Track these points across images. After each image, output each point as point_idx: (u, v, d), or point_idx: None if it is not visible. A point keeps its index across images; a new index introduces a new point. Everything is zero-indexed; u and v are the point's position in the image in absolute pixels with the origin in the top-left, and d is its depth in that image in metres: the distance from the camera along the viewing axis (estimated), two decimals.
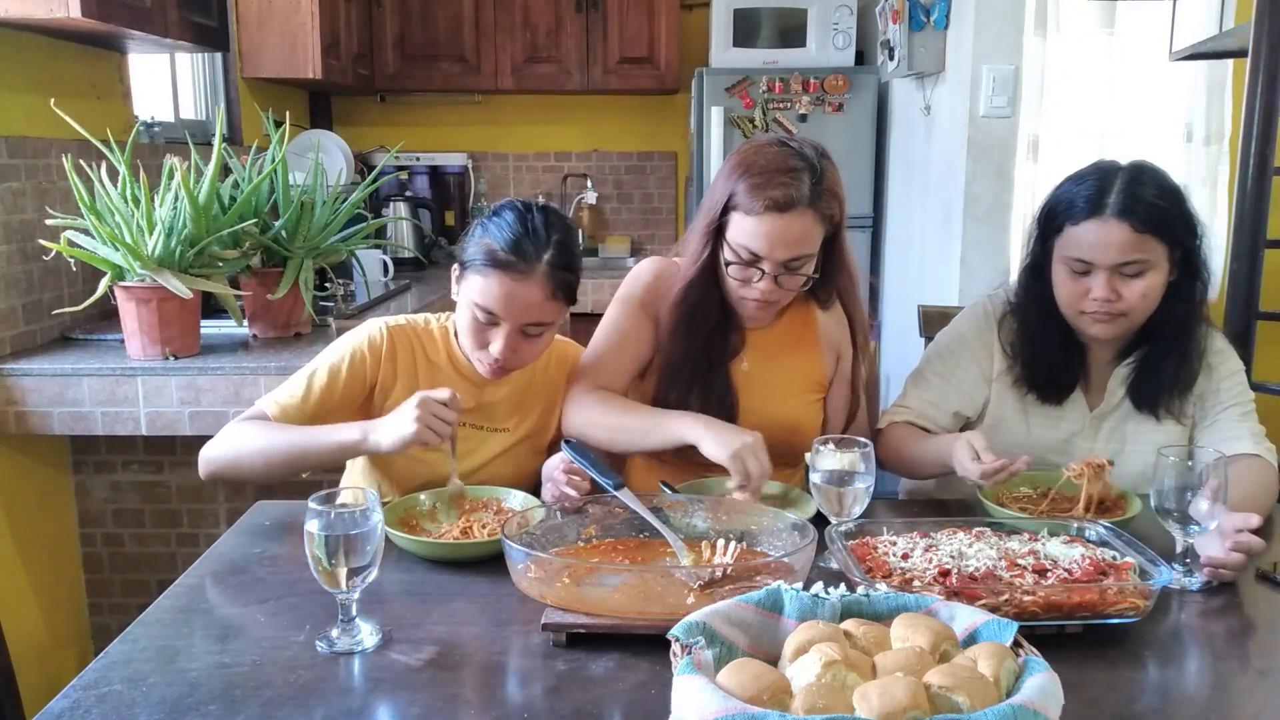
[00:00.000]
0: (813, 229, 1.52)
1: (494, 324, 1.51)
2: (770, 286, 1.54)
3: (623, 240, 4.49)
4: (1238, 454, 1.54)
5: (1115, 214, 1.49)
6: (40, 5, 2.00)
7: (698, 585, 1.16)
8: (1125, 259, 1.50)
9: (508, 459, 1.65)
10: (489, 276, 1.48)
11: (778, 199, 1.48)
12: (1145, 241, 1.49)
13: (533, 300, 1.49)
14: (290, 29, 3.37)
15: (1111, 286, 1.51)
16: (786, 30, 3.95)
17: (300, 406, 1.53)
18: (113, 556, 2.53)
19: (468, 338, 1.55)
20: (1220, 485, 1.24)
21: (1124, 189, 1.51)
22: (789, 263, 1.53)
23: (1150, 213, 1.49)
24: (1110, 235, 1.49)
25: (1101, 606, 1.12)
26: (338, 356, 1.57)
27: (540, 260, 1.49)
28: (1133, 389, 1.62)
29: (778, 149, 1.54)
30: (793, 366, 1.69)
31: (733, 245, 1.54)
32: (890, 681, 0.83)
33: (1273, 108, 2.32)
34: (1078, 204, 1.53)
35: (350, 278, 2.98)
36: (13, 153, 2.20)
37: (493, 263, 1.48)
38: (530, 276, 1.48)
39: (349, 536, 1.08)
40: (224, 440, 1.51)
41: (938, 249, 3.33)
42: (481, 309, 1.50)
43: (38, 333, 2.30)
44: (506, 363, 1.53)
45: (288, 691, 1.03)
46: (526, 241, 1.49)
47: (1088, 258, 1.52)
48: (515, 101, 4.43)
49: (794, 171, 1.50)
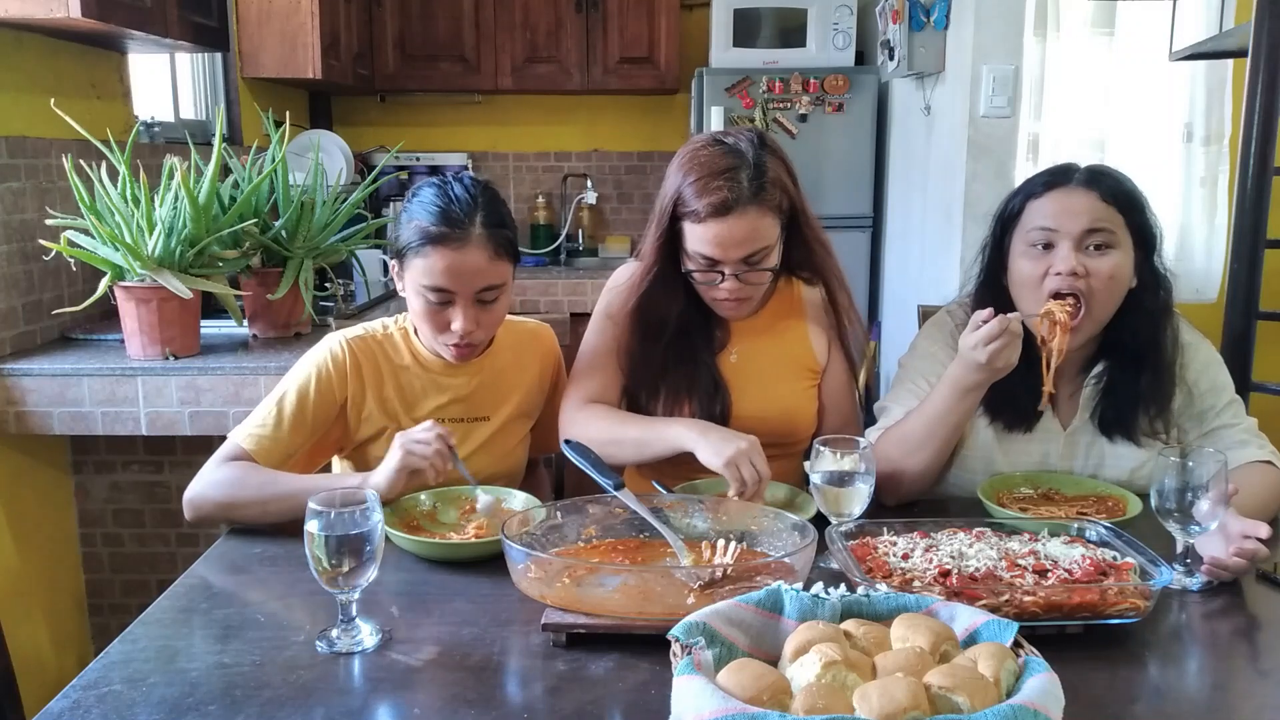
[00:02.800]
0: (761, 223, 1.52)
1: (447, 302, 1.49)
2: (735, 285, 1.55)
3: (623, 240, 4.49)
4: (1245, 462, 1.50)
5: (1081, 183, 1.48)
6: (40, 5, 2.00)
7: (698, 585, 1.16)
8: (1092, 226, 1.45)
9: (493, 446, 1.64)
10: (429, 255, 1.47)
11: (716, 204, 1.48)
12: (1111, 214, 1.46)
13: (478, 264, 1.48)
14: (290, 29, 3.37)
15: (1078, 259, 1.44)
16: (786, 30, 3.95)
17: (275, 436, 1.50)
18: (113, 556, 2.53)
19: (426, 326, 1.53)
20: (1223, 490, 1.23)
21: (1088, 169, 1.51)
22: (748, 259, 1.53)
23: (1117, 186, 1.48)
24: (1076, 201, 1.46)
25: (1102, 607, 1.12)
26: (304, 378, 1.54)
27: (473, 223, 1.48)
28: (1100, 416, 1.57)
29: (712, 149, 1.54)
30: (782, 351, 1.69)
31: (689, 253, 1.55)
32: (890, 682, 0.83)
33: (1273, 108, 2.33)
34: (1040, 178, 1.51)
35: (350, 277, 2.99)
36: (13, 152, 2.20)
37: (428, 240, 1.47)
38: (468, 242, 1.47)
39: (349, 536, 1.08)
40: (212, 488, 1.45)
41: (938, 249, 3.33)
42: (431, 289, 1.48)
43: (38, 333, 2.30)
44: (471, 337, 1.52)
45: (288, 691, 1.03)
46: (454, 209, 1.48)
47: (1052, 225, 1.46)
48: (515, 101, 4.44)
49: (730, 172, 1.50)
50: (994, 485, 1.54)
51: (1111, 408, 1.56)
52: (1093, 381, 1.58)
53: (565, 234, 4.35)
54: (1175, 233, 3.37)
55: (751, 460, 1.40)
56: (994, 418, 1.58)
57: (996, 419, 1.58)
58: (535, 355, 1.71)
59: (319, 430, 1.55)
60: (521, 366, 1.69)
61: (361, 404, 1.57)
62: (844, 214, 3.93)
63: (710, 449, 1.43)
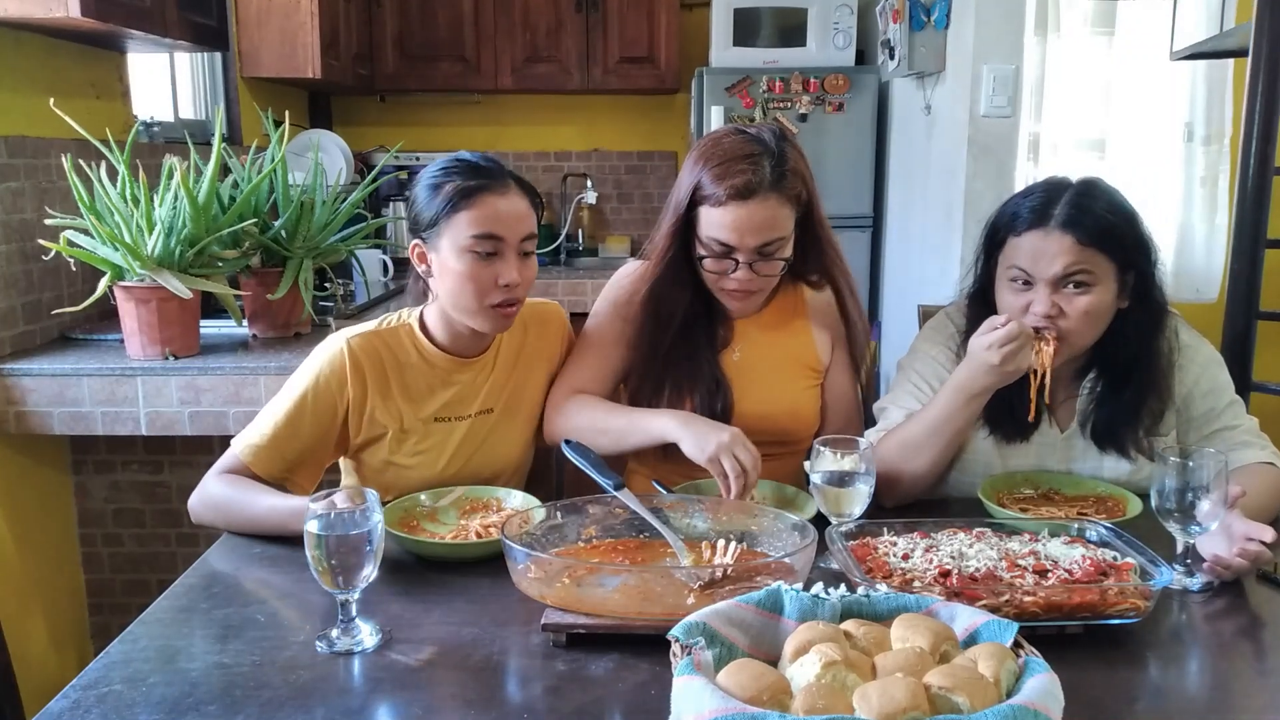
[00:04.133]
0: (780, 212, 1.52)
1: (494, 253, 1.48)
2: (747, 275, 1.54)
3: (623, 240, 4.49)
4: (1247, 463, 1.50)
5: (1059, 225, 1.44)
6: (40, 5, 2.00)
7: (698, 586, 1.16)
8: (1066, 271, 1.43)
9: (499, 441, 1.62)
10: (472, 206, 1.46)
11: (739, 186, 1.49)
12: (1090, 255, 1.43)
13: (520, 210, 1.50)
14: (290, 28, 3.37)
15: (1052, 301, 1.44)
16: (787, 30, 3.95)
17: (272, 447, 1.49)
18: (113, 556, 2.53)
19: (470, 289, 1.48)
20: (1224, 491, 1.23)
21: (1071, 201, 1.45)
22: (762, 249, 1.53)
23: (1097, 225, 1.43)
24: (1052, 246, 1.43)
25: (1102, 607, 1.12)
26: (302, 387, 1.52)
27: (504, 172, 1.51)
28: (1092, 427, 1.56)
29: (735, 137, 1.55)
30: (785, 351, 1.69)
31: (703, 239, 1.54)
32: (890, 682, 0.83)
33: (1273, 107, 2.32)
34: (1022, 215, 1.47)
35: (350, 277, 2.98)
36: (12, 152, 2.20)
37: (467, 194, 1.47)
38: (509, 187, 1.50)
39: (349, 536, 1.08)
40: (204, 505, 1.47)
41: (938, 249, 3.33)
42: (481, 238, 1.46)
43: (37, 333, 2.30)
44: (518, 292, 1.50)
45: (287, 691, 1.02)
46: (481, 163, 1.51)
47: (1028, 268, 1.46)
48: (515, 101, 4.44)
49: (753, 157, 1.51)
50: (994, 485, 1.54)
51: (1103, 420, 1.56)
52: (1086, 389, 1.58)
53: (565, 234, 4.35)
54: (1175, 232, 3.37)
55: (734, 452, 1.39)
56: (993, 429, 1.58)
57: (995, 430, 1.58)
58: (548, 333, 1.69)
59: (318, 437, 1.53)
60: (530, 357, 1.66)
61: (363, 407, 1.55)
62: (844, 214, 3.93)
63: (693, 441, 1.42)
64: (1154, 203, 3.29)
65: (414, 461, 1.57)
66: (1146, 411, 1.54)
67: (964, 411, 1.45)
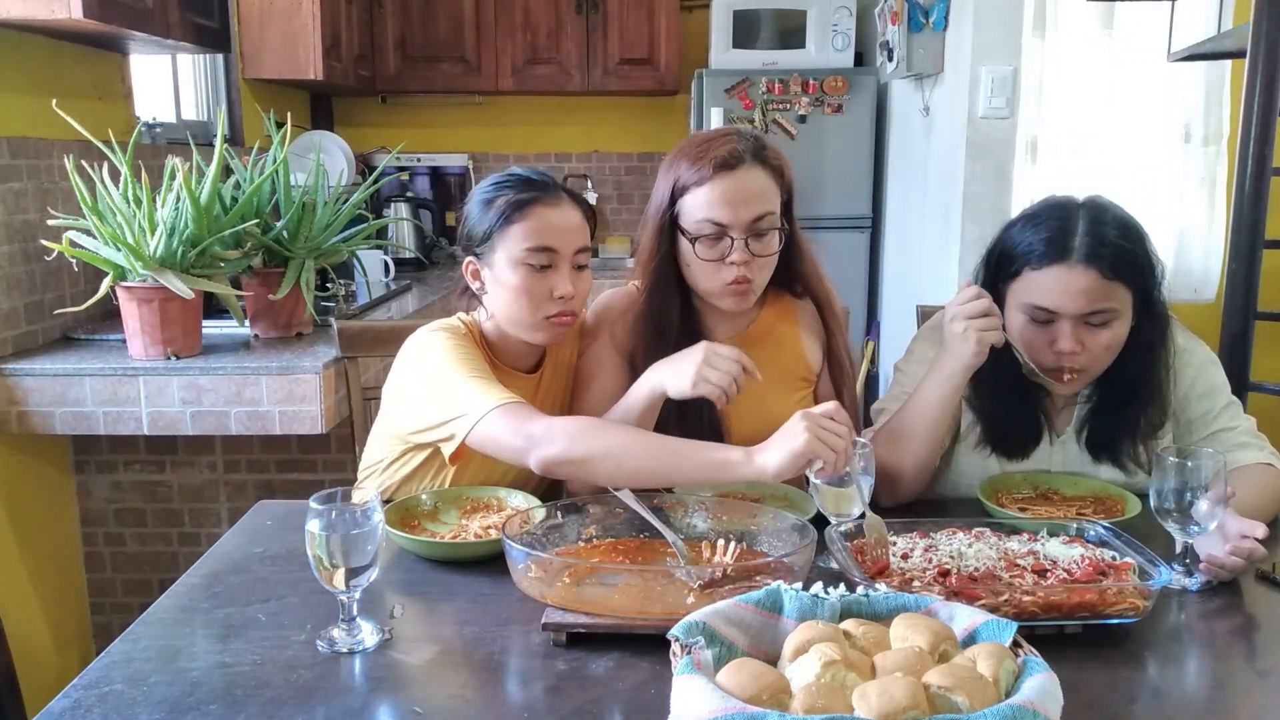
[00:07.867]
0: (766, 183, 1.53)
1: (549, 265, 1.47)
2: (744, 255, 1.52)
3: (623, 241, 4.49)
4: (1246, 464, 1.50)
5: (1082, 259, 1.40)
6: (42, 6, 2.00)
7: (698, 585, 1.16)
8: (1093, 308, 1.41)
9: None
10: (527, 217, 1.46)
11: (723, 156, 1.50)
12: (1113, 289, 1.41)
13: (574, 222, 1.50)
14: (291, 30, 3.37)
15: (1077, 338, 1.42)
16: (786, 31, 3.96)
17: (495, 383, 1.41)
18: (114, 556, 2.53)
19: (524, 302, 1.47)
20: (1222, 491, 1.24)
21: (1088, 230, 1.42)
22: (754, 223, 1.52)
23: (1118, 257, 1.41)
24: (1078, 282, 1.40)
25: (1101, 607, 1.12)
26: (443, 350, 1.45)
27: (557, 185, 1.51)
28: (1088, 438, 1.56)
29: (706, 132, 1.60)
30: (777, 362, 1.68)
31: (693, 228, 1.53)
32: (889, 681, 0.84)
33: (1271, 108, 2.33)
34: (1038, 247, 1.44)
35: (351, 278, 2.99)
36: (15, 153, 2.20)
37: (521, 206, 1.47)
38: (561, 199, 1.50)
39: (349, 536, 1.09)
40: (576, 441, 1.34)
41: (937, 250, 3.33)
42: (536, 250, 1.45)
43: (40, 333, 2.31)
44: (574, 304, 1.49)
45: (288, 691, 1.03)
46: (534, 177, 1.51)
47: (1052, 306, 1.42)
48: (516, 102, 4.44)
49: (728, 135, 1.54)
50: (993, 485, 1.54)
51: (1100, 431, 1.56)
52: (1083, 398, 1.58)
53: None
54: (1173, 233, 3.37)
55: (713, 364, 1.38)
56: (995, 448, 1.58)
57: (998, 449, 1.58)
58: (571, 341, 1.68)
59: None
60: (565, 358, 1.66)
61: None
62: (843, 215, 3.94)
63: (674, 379, 1.40)
64: (1152, 204, 3.29)
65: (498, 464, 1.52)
66: (1146, 423, 1.54)
67: (944, 390, 1.46)
